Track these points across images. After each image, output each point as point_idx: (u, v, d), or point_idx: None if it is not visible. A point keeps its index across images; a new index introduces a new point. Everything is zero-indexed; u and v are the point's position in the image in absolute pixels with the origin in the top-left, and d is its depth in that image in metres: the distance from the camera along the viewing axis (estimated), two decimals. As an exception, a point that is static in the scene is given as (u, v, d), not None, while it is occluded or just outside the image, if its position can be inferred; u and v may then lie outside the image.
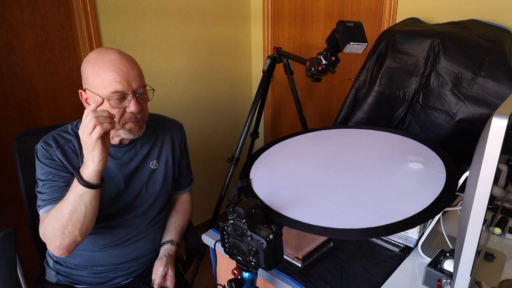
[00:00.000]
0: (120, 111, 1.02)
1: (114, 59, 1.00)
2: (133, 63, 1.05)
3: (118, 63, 1.00)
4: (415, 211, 0.84)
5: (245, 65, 2.80)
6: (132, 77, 1.02)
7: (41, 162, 1.05)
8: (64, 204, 0.94)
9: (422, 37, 1.43)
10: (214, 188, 2.71)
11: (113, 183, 1.12)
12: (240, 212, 0.78)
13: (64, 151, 1.06)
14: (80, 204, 0.92)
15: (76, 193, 0.92)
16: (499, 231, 1.11)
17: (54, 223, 0.94)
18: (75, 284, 1.18)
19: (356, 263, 1.01)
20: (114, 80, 0.99)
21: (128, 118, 1.05)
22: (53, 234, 0.95)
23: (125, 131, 1.07)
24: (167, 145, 1.25)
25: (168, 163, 1.24)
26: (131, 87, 1.02)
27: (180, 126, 1.31)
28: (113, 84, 0.99)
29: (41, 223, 1.01)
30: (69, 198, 0.93)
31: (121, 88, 1.00)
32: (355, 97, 1.62)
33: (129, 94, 1.02)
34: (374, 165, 1.07)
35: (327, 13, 2.32)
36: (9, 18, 1.65)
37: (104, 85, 0.99)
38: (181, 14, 2.25)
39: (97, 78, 1.00)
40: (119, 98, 1.01)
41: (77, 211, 0.93)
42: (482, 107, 1.32)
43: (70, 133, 1.10)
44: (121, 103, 1.02)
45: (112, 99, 1.00)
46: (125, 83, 1.00)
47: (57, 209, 0.95)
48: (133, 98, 1.02)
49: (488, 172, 0.61)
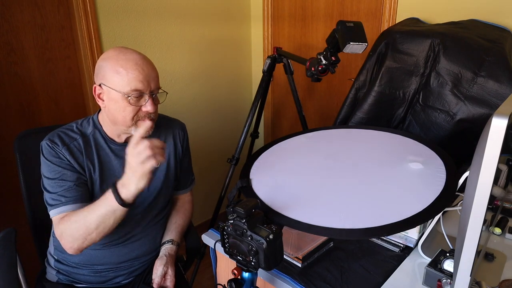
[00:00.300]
0: (135, 109, 1.04)
1: (136, 59, 1.03)
2: (152, 65, 1.07)
3: (141, 63, 1.03)
4: (415, 211, 0.84)
5: (245, 65, 2.80)
6: (152, 77, 1.05)
7: (48, 160, 1.06)
8: (93, 214, 0.97)
9: (422, 37, 1.44)
10: (214, 188, 2.71)
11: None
12: (240, 212, 0.78)
13: (70, 149, 1.07)
14: (110, 218, 0.97)
15: (109, 207, 0.96)
16: (499, 231, 1.11)
17: (78, 228, 0.98)
18: (75, 283, 1.18)
19: (356, 263, 1.01)
20: (137, 78, 1.01)
21: (142, 116, 1.06)
22: (74, 237, 0.99)
23: (136, 129, 1.06)
24: (170, 144, 1.26)
25: (170, 162, 1.25)
26: (149, 87, 1.04)
27: (182, 126, 1.32)
28: (134, 82, 1.01)
29: (57, 223, 1.03)
30: (100, 209, 0.96)
31: (141, 87, 1.02)
32: (355, 97, 1.62)
33: (146, 94, 1.04)
34: (374, 165, 1.07)
35: (327, 13, 2.32)
36: (9, 18, 1.65)
37: (125, 82, 1.01)
38: (181, 14, 2.25)
39: (118, 75, 1.01)
40: (137, 96, 1.03)
41: (105, 223, 0.97)
42: (482, 107, 1.32)
43: (75, 131, 1.11)
44: (138, 101, 1.04)
45: (131, 96, 1.02)
46: (145, 82, 1.03)
47: (84, 216, 0.98)
48: (150, 98, 1.05)
49: (488, 172, 0.61)
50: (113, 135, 1.13)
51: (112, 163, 1.13)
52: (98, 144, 1.12)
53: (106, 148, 1.13)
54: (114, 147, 1.14)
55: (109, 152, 1.13)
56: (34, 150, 1.25)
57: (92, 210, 0.98)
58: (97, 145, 1.12)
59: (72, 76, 1.92)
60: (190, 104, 2.45)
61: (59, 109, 1.91)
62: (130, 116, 1.05)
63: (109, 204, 0.96)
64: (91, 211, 0.98)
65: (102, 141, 1.13)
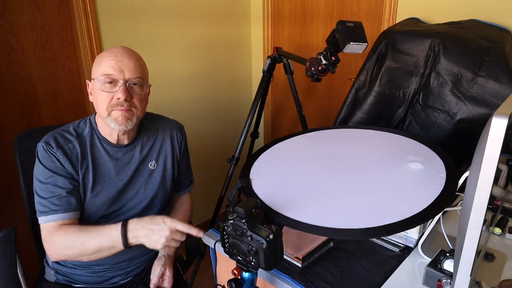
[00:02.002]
0: (108, 96, 1.04)
1: (115, 50, 1.06)
2: (133, 55, 1.08)
3: (117, 52, 1.06)
4: (415, 211, 0.84)
5: (245, 65, 2.80)
6: (126, 65, 1.04)
7: (41, 163, 1.05)
8: (92, 242, 1.00)
9: (422, 37, 1.44)
10: (214, 188, 2.71)
11: (112, 184, 1.12)
12: (240, 212, 0.78)
13: (65, 151, 1.07)
14: (107, 250, 1.01)
15: (111, 243, 0.99)
16: (499, 231, 1.11)
17: (73, 248, 1.01)
18: (73, 283, 1.18)
19: (356, 263, 1.01)
20: (108, 64, 1.03)
21: (115, 104, 1.05)
22: (64, 253, 1.03)
23: (112, 120, 1.06)
24: (167, 146, 1.25)
25: (167, 164, 1.24)
26: (123, 74, 1.04)
27: (180, 127, 1.31)
28: (105, 67, 1.03)
29: (48, 232, 1.03)
30: (101, 241, 0.99)
31: (111, 72, 1.03)
32: (355, 97, 1.62)
33: (120, 81, 1.04)
34: (374, 165, 1.07)
35: (327, 13, 2.32)
36: (9, 18, 1.65)
37: (99, 69, 1.04)
38: (181, 14, 2.25)
39: (96, 65, 1.06)
40: (109, 82, 1.04)
41: (101, 253, 1.01)
42: (482, 107, 1.32)
43: (72, 133, 1.11)
44: (110, 89, 1.04)
45: (101, 81, 1.03)
46: (117, 68, 1.03)
47: (83, 240, 1.00)
48: (123, 86, 1.04)
49: (488, 172, 0.61)
50: (106, 134, 1.13)
51: (106, 165, 1.13)
52: (94, 145, 1.12)
53: (101, 150, 1.12)
54: (109, 148, 1.13)
55: (104, 154, 1.13)
56: (34, 150, 1.25)
57: (92, 237, 1.00)
58: (92, 145, 1.12)
59: (72, 76, 1.92)
60: (190, 104, 2.45)
61: (59, 109, 1.91)
62: (104, 104, 1.05)
63: (112, 240, 0.99)
64: (91, 238, 1.00)
65: (98, 142, 1.13)
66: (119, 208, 1.15)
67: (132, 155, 1.16)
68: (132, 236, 0.98)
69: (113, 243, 0.99)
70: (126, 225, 0.99)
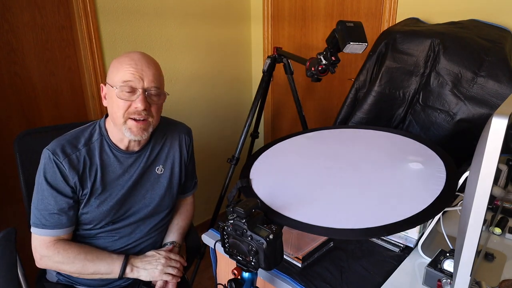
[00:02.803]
0: (126, 104, 1.03)
1: (135, 56, 1.05)
2: (152, 63, 1.07)
3: (137, 60, 1.04)
4: (415, 211, 0.84)
5: (245, 65, 2.80)
6: (145, 73, 1.04)
7: (43, 172, 1.04)
8: (91, 267, 1.06)
9: (422, 37, 1.44)
10: (214, 188, 2.71)
11: (119, 189, 1.12)
12: (240, 212, 0.78)
13: (71, 160, 1.05)
14: (103, 275, 1.08)
15: (109, 271, 1.07)
16: (499, 231, 1.11)
17: (70, 266, 1.06)
18: (75, 285, 1.18)
19: (356, 263, 1.01)
20: (127, 71, 1.02)
21: (132, 112, 1.04)
22: (59, 268, 1.07)
23: (127, 130, 1.05)
24: (175, 150, 1.24)
25: (174, 168, 1.23)
26: (142, 83, 1.03)
27: (188, 131, 1.30)
28: (125, 74, 1.02)
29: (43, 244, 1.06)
30: (100, 267, 1.07)
31: (131, 78, 1.02)
32: (355, 97, 1.62)
33: (138, 89, 1.03)
34: (374, 165, 1.07)
35: (327, 13, 2.33)
36: (9, 18, 1.65)
37: (119, 76, 1.03)
38: (181, 14, 2.25)
39: (115, 70, 1.04)
40: (129, 91, 1.02)
41: (95, 276, 1.08)
42: (482, 107, 1.32)
43: (80, 141, 1.09)
44: (129, 96, 1.03)
45: (120, 88, 1.02)
46: (137, 76, 1.02)
47: (83, 264, 1.06)
48: (142, 95, 1.03)
49: (488, 172, 0.61)
50: (116, 140, 1.11)
51: (116, 171, 1.12)
52: (103, 152, 1.10)
53: (111, 156, 1.11)
54: (119, 154, 1.12)
55: (114, 160, 1.11)
56: (34, 150, 1.25)
57: (93, 262, 1.07)
58: (101, 152, 1.10)
59: (72, 76, 1.92)
60: (190, 104, 2.45)
61: (59, 109, 1.91)
62: (121, 112, 1.03)
63: (110, 269, 1.07)
64: (92, 263, 1.06)
65: (107, 148, 1.11)
66: (125, 212, 1.15)
67: (140, 161, 1.16)
68: (131, 269, 1.08)
69: (111, 272, 1.07)
70: (128, 258, 1.08)
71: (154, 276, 1.09)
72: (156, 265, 1.09)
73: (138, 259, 1.11)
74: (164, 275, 1.10)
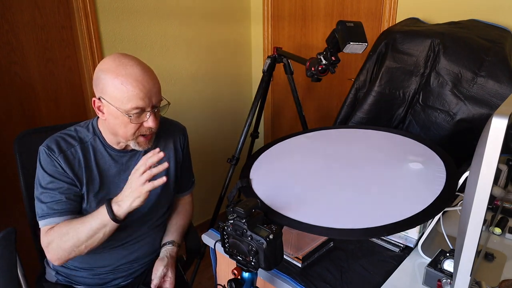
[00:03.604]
0: (137, 126, 1.03)
1: (137, 74, 0.98)
2: (154, 78, 1.03)
3: (141, 79, 0.98)
4: (415, 211, 0.84)
5: (245, 65, 2.80)
6: (153, 92, 1.01)
7: (42, 167, 1.05)
8: (84, 227, 0.99)
9: (422, 37, 1.44)
10: (214, 188, 2.71)
11: (115, 188, 1.12)
12: (240, 212, 0.78)
13: (66, 156, 1.05)
14: (101, 231, 0.99)
15: (101, 222, 0.98)
16: (499, 231, 1.11)
17: (68, 240, 0.99)
18: (74, 284, 1.18)
19: (356, 263, 1.01)
20: (137, 96, 0.98)
21: (144, 131, 1.05)
22: (62, 248, 1.00)
23: (135, 144, 1.07)
24: (170, 149, 1.24)
25: (170, 167, 1.24)
26: (151, 103, 1.02)
27: (183, 130, 1.30)
28: (135, 100, 0.98)
29: (44, 233, 1.03)
30: (91, 223, 0.99)
31: (142, 105, 0.99)
32: (355, 97, 1.62)
33: (148, 110, 1.02)
34: (374, 165, 1.07)
35: (327, 13, 2.32)
36: (9, 18, 1.65)
37: (125, 99, 0.98)
38: (181, 14, 2.24)
39: (118, 92, 0.98)
40: (138, 113, 1.01)
41: (95, 236, 1.00)
42: (482, 107, 1.32)
43: (74, 138, 1.09)
44: (139, 118, 1.02)
45: (132, 115, 1.00)
46: (146, 99, 0.99)
47: (75, 228, 1.00)
48: (152, 114, 1.02)
49: (488, 172, 0.61)
50: (112, 143, 1.12)
51: (112, 170, 1.12)
52: (97, 151, 1.11)
53: (105, 156, 1.12)
54: (113, 153, 1.13)
55: (109, 160, 1.12)
56: (34, 150, 1.24)
57: (83, 223, 0.99)
58: (95, 152, 1.10)
59: (72, 76, 1.92)
60: (190, 104, 2.45)
61: (59, 109, 1.91)
62: (131, 132, 1.03)
63: (101, 218, 0.98)
64: (83, 224, 0.99)
65: (102, 148, 1.11)
66: None
67: (135, 159, 1.16)
68: (115, 204, 0.97)
69: (103, 221, 0.98)
70: (110, 200, 0.99)
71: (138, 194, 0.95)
72: (135, 182, 0.96)
73: (119, 194, 0.99)
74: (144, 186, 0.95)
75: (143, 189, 0.94)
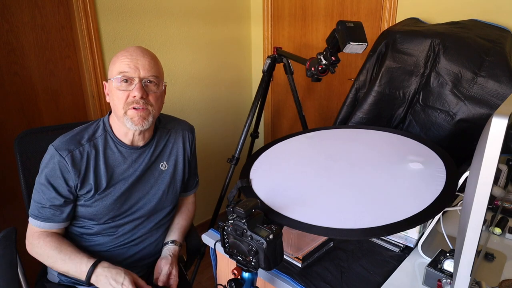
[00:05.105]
0: (124, 95, 1.05)
1: (131, 49, 1.08)
2: (148, 53, 1.09)
3: (132, 51, 1.07)
4: (415, 211, 0.84)
5: (245, 65, 2.80)
6: (141, 63, 1.05)
7: (44, 166, 1.07)
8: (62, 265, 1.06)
9: (422, 37, 1.44)
10: (214, 188, 2.71)
11: (123, 183, 1.13)
12: (240, 212, 0.78)
13: (74, 156, 1.06)
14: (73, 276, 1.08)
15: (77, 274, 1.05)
16: (499, 231, 1.11)
17: (46, 260, 1.08)
18: (77, 285, 1.18)
19: (356, 263, 1.01)
20: (123, 62, 1.05)
21: (131, 102, 1.05)
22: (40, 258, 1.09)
23: (128, 120, 1.06)
24: (179, 147, 1.25)
25: (177, 165, 1.24)
26: (138, 72, 1.05)
27: (191, 128, 1.31)
28: (121, 65, 1.04)
29: (32, 231, 1.09)
30: (69, 267, 1.05)
31: (127, 69, 1.04)
32: (355, 97, 1.62)
33: (135, 78, 1.04)
34: (374, 165, 1.07)
35: (327, 13, 2.33)
36: (9, 18, 1.65)
37: (114, 67, 1.06)
38: (181, 14, 2.25)
39: (111, 64, 1.08)
40: (125, 81, 1.04)
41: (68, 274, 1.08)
42: (482, 107, 1.32)
43: (84, 136, 1.10)
44: (126, 87, 1.05)
45: (117, 79, 1.04)
46: (132, 65, 1.04)
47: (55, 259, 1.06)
48: (139, 83, 1.05)
49: (488, 172, 0.61)
50: (121, 136, 1.12)
51: (121, 167, 1.13)
52: (108, 148, 1.11)
53: (115, 152, 1.12)
54: (123, 150, 1.13)
55: (118, 156, 1.12)
56: (34, 150, 1.25)
57: (64, 261, 1.05)
58: (106, 148, 1.11)
59: (72, 76, 1.92)
60: (190, 104, 2.45)
61: (59, 109, 1.91)
62: (120, 103, 1.05)
63: (78, 272, 1.05)
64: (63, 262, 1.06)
65: (112, 143, 1.12)
66: (128, 208, 1.15)
67: (144, 156, 1.17)
68: (95, 279, 1.04)
69: (79, 275, 1.05)
70: (95, 267, 1.04)
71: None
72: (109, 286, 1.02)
73: (104, 276, 1.03)
74: None
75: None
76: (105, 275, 1.03)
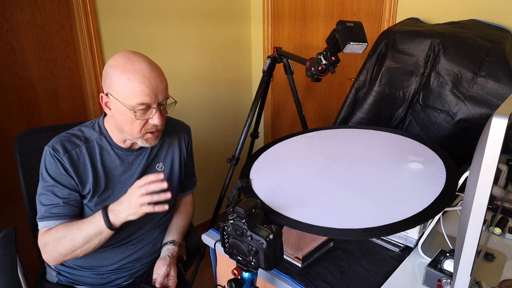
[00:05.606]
0: (142, 122, 1.03)
1: (144, 70, 0.99)
2: (162, 75, 1.03)
3: (148, 75, 0.99)
4: (415, 211, 0.84)
5: (245, 65, 2.80)
6: (159, 89, 1.01)
7: (46, 169, 1.05)
8: (80, 233, 1.00)
9: (422, 37, 1.44)
10: (214, 188, 2.71)
11: (121, 187, 1.12)
12: (240, 212, 0.78)
13: (71, 156, 1.05)
14: (96, 238, 1.01)
15: (97, 229, 0.99)
16: (499, 231, 1.11)
17: (65, 244, 1.01)
18: (75, 284, 1.18)
19: (356, 263, 1.01)
20: (143, 92, 0.98)
21: (149, 128, 1.05)
22: (58, 251, 1.02)
23: (143, 141, 1.07)
24: (175, 148, 1.25)
25: (174, 165, 1.24)
26: (157, 100, 1.02)
27: (188, 129, 1.31)
28: (141, 96, 0.98)
29: (41, 234, 1.05)
30: (88, 229, 1.00)
31: (148, 101, 1.00)
32: (355, 97, 1.62)
33: (154, 107, 1.02)
34: (374, 165, 1.07)
35: (327, 13, 2.32)
36: (9, 18, 1.65)
37: (131, 95, 0.98)
38: (181, 14, 2.25)
39: (125, 87, 0.98)
40: (144, 109, 1.01)
41: (91, 242, 1.01)
42: (482, 107, 1.32)
43: (80, 138, 1.09)
44: (144, 114, 1.02)
45: (137, 111, 1.00)
46: (152, 95, 1.00)
47: (71, 233, 1.01)
48: (157, 111, 1.03)
49: (488, 172, 0.61)
50: (119, 141, 1.12)
51: (118, 169, 1.12)
52: (104, 150, 1.11)
53: (112, 155, 1.12)
54: (120, 152, 1.13)
55: (115, 158, 1.12)
56: (34, 150, 1.25)
57: (80, 229, 1.01)
58: (102, 151, 1.10)
59: (72, 76, 1.92)
60: (190, 104, 2.45)
61: (59, 109, 1.91)
62: (137, 129, 1.04)
63: (97, 225, 0.99)
64: (79, 230, 1.01)
65: (108, 147, 1.11)
66: None
67: (141, 158, 1.16)
68: (113, 215, 0.99)
69: (99, 228, 0.99)
70: (106, 208, 1.00)
71: (134, 212, 0.96)
72: (134, 198, 0.96)
73: (117, 204, 1.00)
74: (142, 208, 0.95)
75: (141, 209, 0.95)
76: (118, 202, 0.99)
